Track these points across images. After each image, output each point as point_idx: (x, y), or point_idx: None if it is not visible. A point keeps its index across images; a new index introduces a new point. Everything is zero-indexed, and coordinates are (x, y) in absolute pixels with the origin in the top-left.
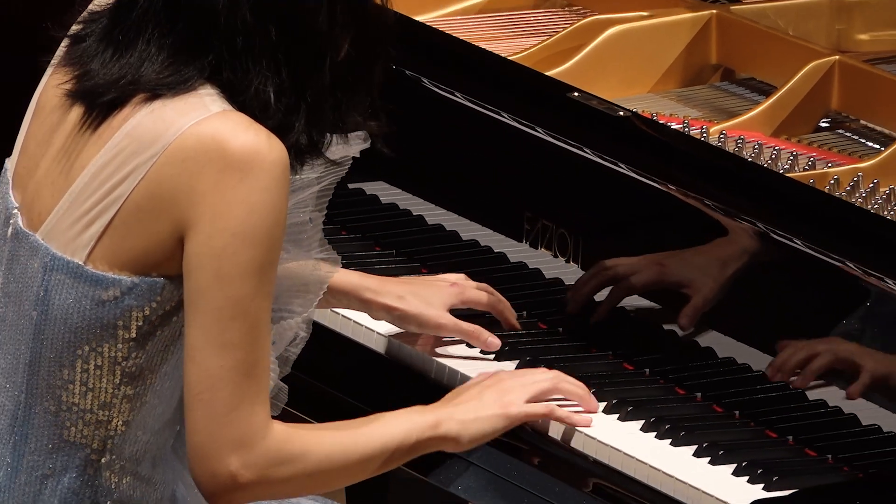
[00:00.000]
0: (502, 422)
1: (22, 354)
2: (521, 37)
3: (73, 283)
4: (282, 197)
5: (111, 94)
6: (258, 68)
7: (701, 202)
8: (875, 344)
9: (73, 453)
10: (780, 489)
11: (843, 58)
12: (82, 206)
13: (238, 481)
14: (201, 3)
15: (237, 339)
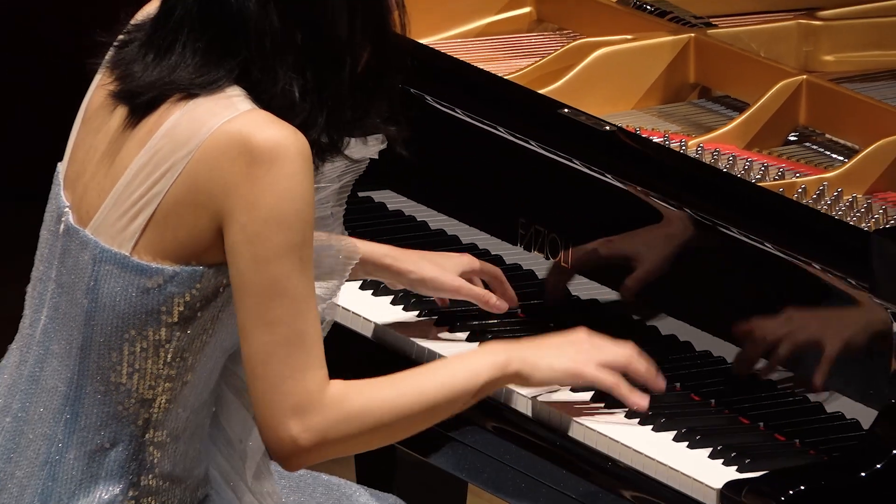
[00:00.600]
0: (571, 378)
1: (74, 340)
2: (516, 58)
3: (120, 273)
4: (307, 182)
5: (149, 95)
6: (285, 69)
7: (680, 209)
8: (837, 338)
9: (119, 430)
10: (752, 471)
11: (810, 77)
12: (126, 203)
13: (301, 445)
14: (233, 10)
15: (280, 316)
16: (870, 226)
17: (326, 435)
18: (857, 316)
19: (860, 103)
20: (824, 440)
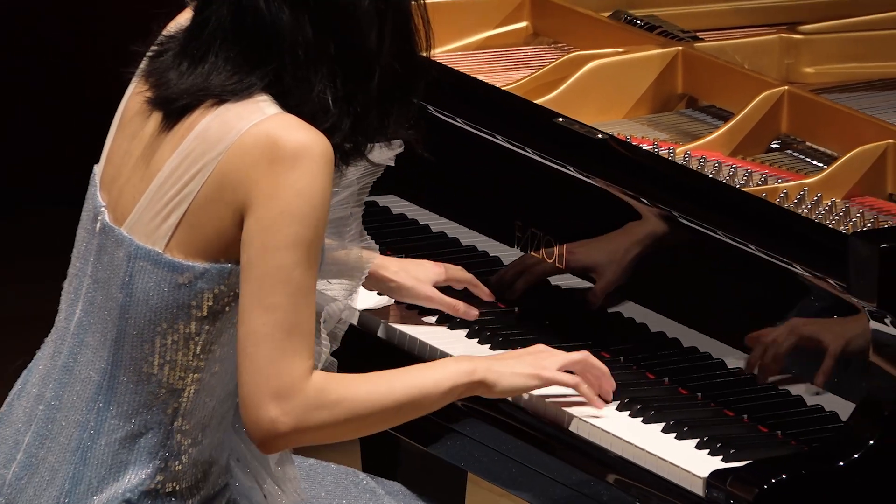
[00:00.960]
0: (535, 381)
1: (109, 332)
2: (513, 70)
3: (153, 269)
4: (326, 184)
5: (184, 101)
6: (318, 78)
7: (668, 213)
8: (817, 335)
9: (149, 418)
10: (736, 460)
11: (791, 88)
12: (160, 203)
13: (278, 427)
14: (266, 22)
15: (279, 302)
16: (847, 228)
17: (303, 421)
18: (835, 314)
19: (839, 113)
20: (804, 431)
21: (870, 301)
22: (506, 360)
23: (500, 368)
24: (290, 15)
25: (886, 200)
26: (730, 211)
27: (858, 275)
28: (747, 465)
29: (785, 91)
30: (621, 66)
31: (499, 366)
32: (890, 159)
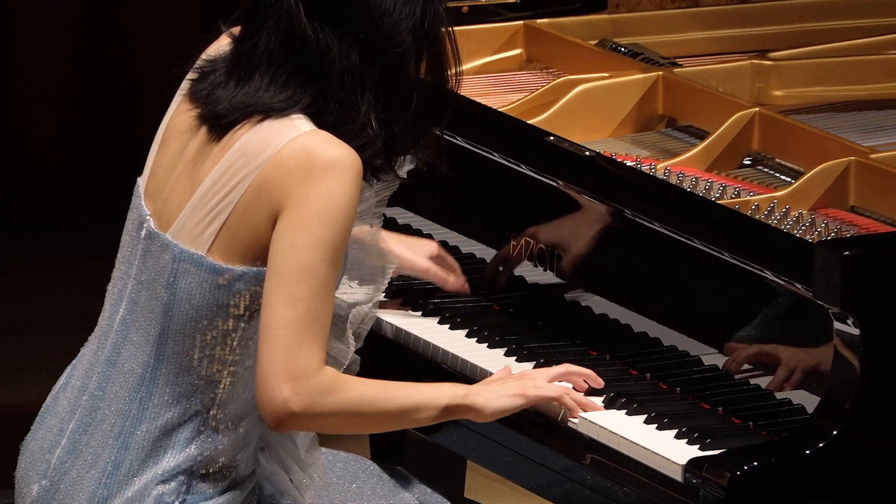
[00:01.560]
0: (520, 400)
1: (152, 329)
2: (509, 93)
3: (196, 271)
4: (354, 193)
5: (234, 116)
6: (362, 100)
7: (650, 223)
8: (785, 335)
9: (188, 407)
10: (711, 449)
11: (761, 110)
12: (202, 211)
13: (290, 406)
14: (314, 49)
15: (302, 294)
16: (813, 238)
17: (312, 405)
18: (802, 316)
19: (805, 132)
20: (774, 423)
21: (834, 304)
22: (492, 386)
23: (489, 393)
24: (338, 44)
25: (848, 212)
26: (706, 222)
27: (823, 280)
28: (722, 453)
29: (756, 112)
30: (607, 89)
31: (487, 391)
32: (851, 174)
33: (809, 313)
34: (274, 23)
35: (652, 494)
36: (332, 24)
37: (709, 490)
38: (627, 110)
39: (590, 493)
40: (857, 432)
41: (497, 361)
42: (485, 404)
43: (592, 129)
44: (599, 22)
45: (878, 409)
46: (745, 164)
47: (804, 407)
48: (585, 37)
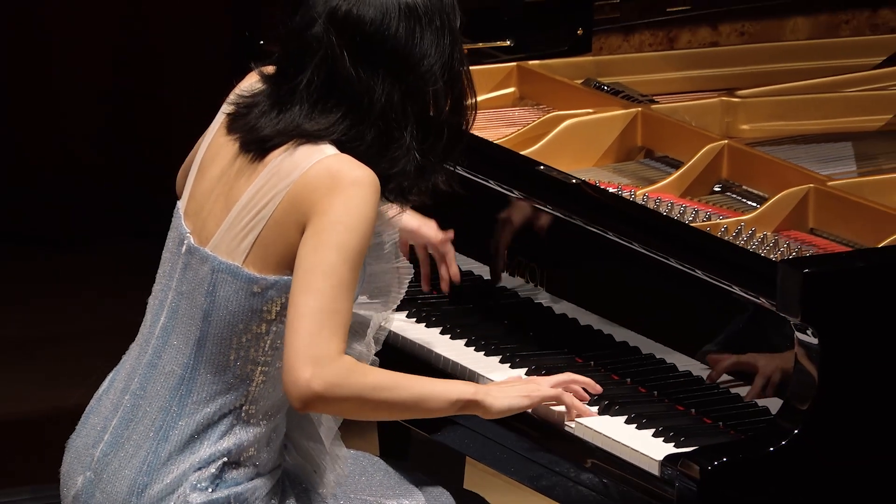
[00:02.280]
0: (525, 400)
1: (192, 334)
2: (503, 127)
3: (233, 280)
4: (372, 207)
5: (276, 140)
6: (407, 132)
7: (631, 244)
8: (752, 344)
9: (224, 403)
10: (685, 446)
11: (730, 142)
12: (238, 226)
13: (312, 388)
14: (356, 87)
15: (323, 289)
16: (777, 257)
17: (332, 386)
18: (766, 326)
19: (769, 162)
20: (741, 423)
21: (795, 316)
22: (501, 387)
23: (496, 393)
24: (380, 84)
25: (808, 234)
26: (680, 242)
27: (785, 294)
28: (694, 450)
29: (725, 144)
30: (591, 123)
31: (495, 391)
32: (810, 200)
33: (773, 324)
34: (318, 63)
35: (631, 487)
36: (373, 66)
37: (682, 483)
38: (610, 142)
39: (573, 485)
40: (815, 432)
41: (495, 369)
42: (493, 403)
43: (578, 160)
44: (584, 63)
45: (834, 411)
46: (716, 190)
47: (768, 408)
48: (572, 76)
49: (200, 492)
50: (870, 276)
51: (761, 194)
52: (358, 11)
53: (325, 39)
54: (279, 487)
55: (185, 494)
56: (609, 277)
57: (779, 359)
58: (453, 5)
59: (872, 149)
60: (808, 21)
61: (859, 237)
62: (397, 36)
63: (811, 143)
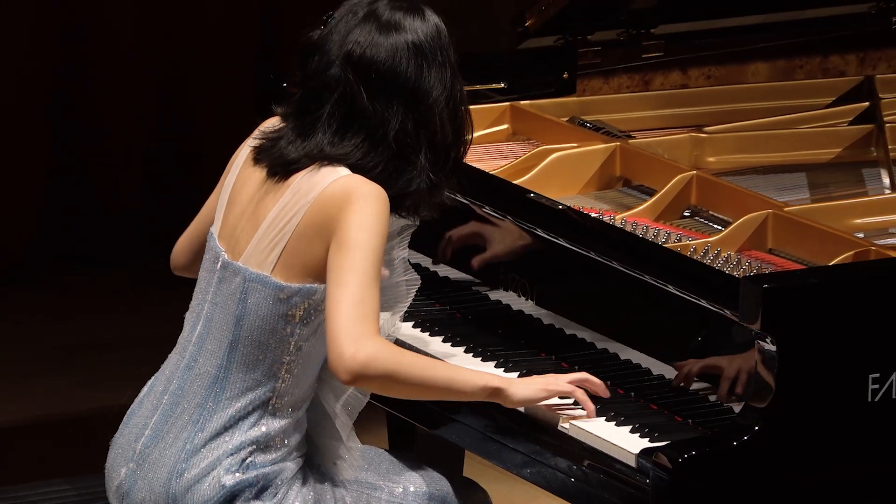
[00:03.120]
0: (543, 392)
1: (225, 338)
2: (497, 159)
3: (262, 288)
4: (385, 214)
5: (301, 162)
6: (420, 155)
7: (610, 262)
8: (718, 351)
9: (253, 398)
10: (659, 441)
11: (698, 172)
12: (266, 240)
13: (357, 360)
14: (372, 118)
15: (351, 281)
16: (739, 274)
17: (374, 361)
18: (730, 335)
19: (732, 190)
20: (708, 421)
21: (755, 326)
22: (523, 380)
23: (518, 384)
24: (394, 116)
25: (767, 253)
26: (654, 261)
27: (747, 307)
28: (667, 444)
29: (694, 174)
30: (575, 156)
31: (518, 382)
32: (769, 223)
33: (736, 334)
34: (337, 99)
35: (610, 477)
36: (388, 99)
37: (656, 473)
38: (592, 173)
39: (558, 474)
40: (773, 428)
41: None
42: (514, 392)
43: (564, 188)
44: (569, 103)
45: (790, 410)
46: (685, 215)
47: (732, 408)
48: (558, 115)
49: (232, 474)
50: (822, 291)
51: (726, 219)
52: (371, 53)
53: (344, 78)
54: (301, 472)
55: (219, 476)
56: (591, 292)
57: (741, 364)
58: (449, 43)
59: (824, 178)
60: (767, 66)
61: (813, 256)
62: (408, 72)
63: (770, 173)
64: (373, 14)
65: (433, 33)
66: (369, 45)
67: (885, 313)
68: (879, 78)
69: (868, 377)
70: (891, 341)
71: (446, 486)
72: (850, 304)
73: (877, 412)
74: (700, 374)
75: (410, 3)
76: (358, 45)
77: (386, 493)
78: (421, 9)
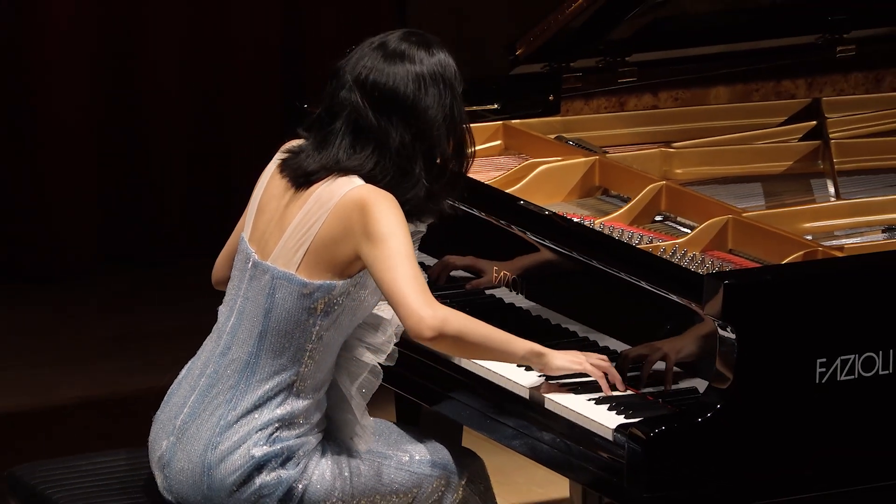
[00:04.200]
0: (575, 364)
1: (255, 328)
2: (492, 171)
3: (288, 284)
4: (396, 207)
5: (319, 173)
6: (417, 165)
7: (589, 262)
8: (685, 338)
9: (280, 381)
10: (633, 418)
11: (667, 182)
12: (292, 242)
13: (437, 318)
14: (376, 132)
15: (397, 264)
16: (703, 271)
17: (447, 321)
18: (696, 325)
19: (697, 198)
20: (676, 400)
21: (717, 317)
22: (563, 353)
23: (556, 353)
24: (394, 129)
25: (727, 253)
26: (629, 260)
27: (711, 300)
28: (640, 420)
29: (663, 185)
30: (560, 168)
31: (557, 353)
32: (729, 227)
33: (701, 323)
34: (347, 115)
35: (590, 448)
36: (389, 115)
37: (631, 446)
38: (574, 183)
39: (544, 445)
40: (734, 406)
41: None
42: (553, 360)
43: (550, 196)
44: (555, 122)
45: (748, 391)
46: (656, 220)
47: (697, 388)
48: (545, 132)
49: (260, 447)
50: (776, 286)
51: (691, 223)
52: (375, 77)
53: (353, 98)
54: (321, 445)
55: (249, 448)
56: (574, 287)
57: (705, 350)
58: (453, 72)
59: (777, 188)
60: (727, 89)
61: (767, 256)
62: (406, 93)
63: (730, 183)
64: (383, 45)
65: (435, 63)
66: (374, 70)
67: (831, 306)
68: (825, 100)
69: (816, 362)
70: (836, 330)
71: (447, 455)
72: (800, 298)
73: (823, 393)
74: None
75: (419, 38)
76: (364, 69)
77: (395, 461)
78: (429, 43)
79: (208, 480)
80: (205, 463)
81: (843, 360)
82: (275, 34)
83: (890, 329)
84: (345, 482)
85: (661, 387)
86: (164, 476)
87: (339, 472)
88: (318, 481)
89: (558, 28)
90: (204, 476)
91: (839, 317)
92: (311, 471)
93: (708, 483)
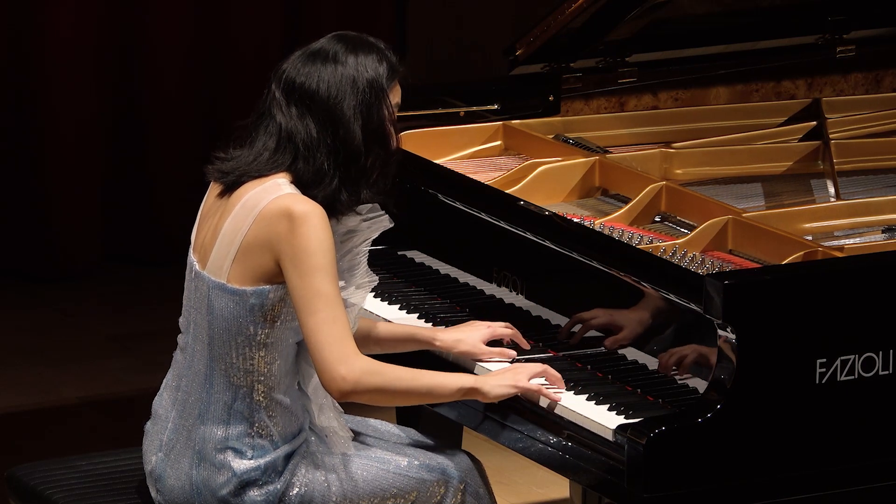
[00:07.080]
0: (513, 389)
1: (205, 339)
2: (492, 171)
3: (222, 294)
4: (326, 229)
5: (241, 180)
6: (321, 156)
7: (590, 261)
8: (686, 339)
9: (237, 387)
10: (633, 418)
11: (667, 183)
12: (221, 251)
13: (349, 380)
14: (284, 129)
15: (320, 307)
16: (703, 272)
17: (363, 378)
18: (696, 326)
19: (696, 198)
20: (676, 400)
21: (718, 317)
22: (493, 376)
23: (491, 381)
24: (304, 125)
25: (727, 254)
26: (628, 260)
27: (711, 300)
28: (640, 421)
29: (663, 185)
30: (560, 169)
31: (490, 380)
32: (729, 227)
33: (701, 324)
34: (271, 114)
35: (590, 449)
36: (306, 114)
37: (631, 446)
38: (574, 183)
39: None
40: (734, 407)
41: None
42: (489, 391)
43: (550, 196)
44: (554, 122)
45: (748, 391)
46: (656, 220)
47: (697, 389)
48: (545, 132)
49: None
50: (776, 286)
51: (691, 223)
52: (292, 74)
53: (275, 96)
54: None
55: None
56: (574, 287)
57: (705, 350)
58: (377, 74)
59: (777, 188)
60: (727, 90)
61: (767, 256)
62: (320, 92)
63: (730, 183)
64: (309, 47)
65: (355, 63)
66: (292, 68)
67: (831, 306)
68: (825, 100)
69: (816, 362)
70: (836, 331)
71: (446, 459)
72: (800, 298)
73: (823, 393)
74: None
75: (346, 39)
76: (286, 69)
77: (393, 466)
78: (355, 44)
79: (199, 499)
80: (192, 482)
81: (843, 361)
82: (275, 34)
83: (890, 329)
84: (342, 488)
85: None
86: (157, 490)
87: (336, 477)
88: (313, 489)
89: (558, 28)
90: (195, 494)
91: (839, 317)
92: (304, 478)
93: (708, 483)
